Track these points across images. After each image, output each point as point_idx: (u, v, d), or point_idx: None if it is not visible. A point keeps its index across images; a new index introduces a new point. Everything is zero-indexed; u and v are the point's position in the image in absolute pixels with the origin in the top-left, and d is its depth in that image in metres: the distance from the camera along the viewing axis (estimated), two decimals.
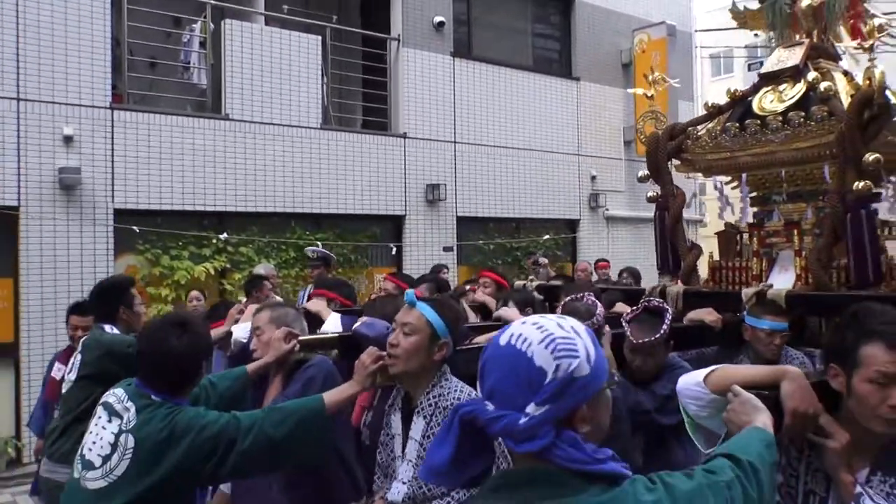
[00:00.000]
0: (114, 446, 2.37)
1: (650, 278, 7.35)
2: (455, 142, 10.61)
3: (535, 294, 5.06)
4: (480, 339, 3.44)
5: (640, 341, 3.31)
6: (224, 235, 8.54)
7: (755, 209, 4.72)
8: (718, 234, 4.93)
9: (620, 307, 4.48)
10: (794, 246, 4.25)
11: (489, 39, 11.47)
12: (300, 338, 3.21)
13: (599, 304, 3.39)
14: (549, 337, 1.37)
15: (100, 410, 2.49)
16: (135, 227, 8.03)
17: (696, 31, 13.73)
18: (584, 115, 12.10)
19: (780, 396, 1.92)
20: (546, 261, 9.47)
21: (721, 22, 15.74)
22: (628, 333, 3.38)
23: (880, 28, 4.47)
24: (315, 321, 4.10)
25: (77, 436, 3.35)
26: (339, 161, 9.51)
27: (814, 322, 4.18)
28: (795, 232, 4.28)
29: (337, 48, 9.93)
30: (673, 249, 4.77)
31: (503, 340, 1.40)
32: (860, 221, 3.74)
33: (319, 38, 9.49)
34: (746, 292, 3.92)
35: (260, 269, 7.55)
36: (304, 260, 9.19)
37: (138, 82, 8.91)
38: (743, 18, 5.16)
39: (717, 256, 4.79)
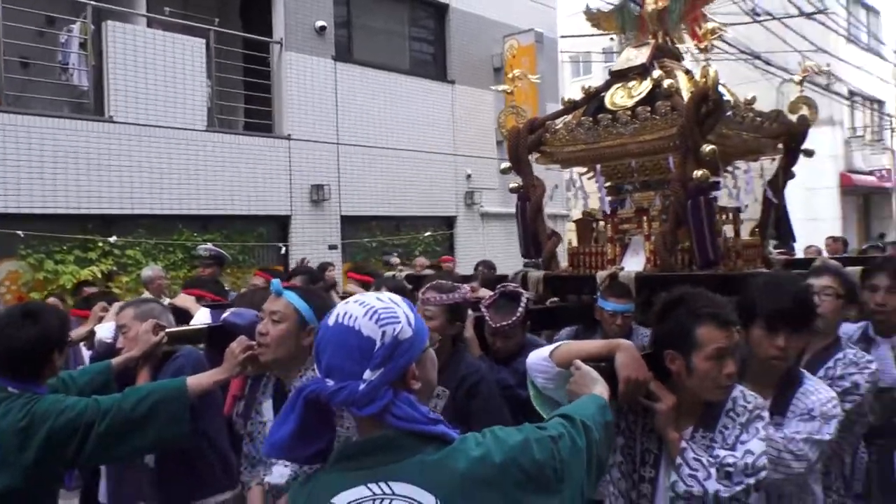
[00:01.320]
0: None
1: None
2: (338, 143, 11.04)
3: (405, 283, 5.39)
4: None
5: (499, 325, 3.55)
6: (113, 238, 8.64)
7: (610, 198, 4.95)
8: (576, 221, 5.30)
9: (483, 291, 4.87)
10: (643, 231, 4.56)
11: (369, 43, 11.93)
12: (168, 329, 3.19)
13: (466, 287, 3.61)
14: (371, 309, 1.53)
15: None
16: (19, 232, 8.03)
17: (560, 36, 14.72)
18: (459, 116, 12.78)
19: (615, 367, 2.15)
20: (398, 260, 10.07)
21: (580, 26, 16.87)
22: (487, 317, 3.59)
23: (713, 31, 4.88)
24: (184, 319, 4.10)
25: None
26: (225, 163, 9.74)
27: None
28: (645, 218, 4.58)
29: (220, 51, 10.11)
30: (534, 237, 5.00)
31: (331, 321, 1.55)
32: (699, 207, 4.03)
33: (203, 40, 9.68)
34: (600, 275, 4.22)
35: (147, 270, 7.71)
36: (193, 261, 9.42)
37: (12, 83, 8.82)
38: (596, 20, 5.47)
39: (575, 243, 5.12)
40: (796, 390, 2.53)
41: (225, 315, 3.34)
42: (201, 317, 4.08)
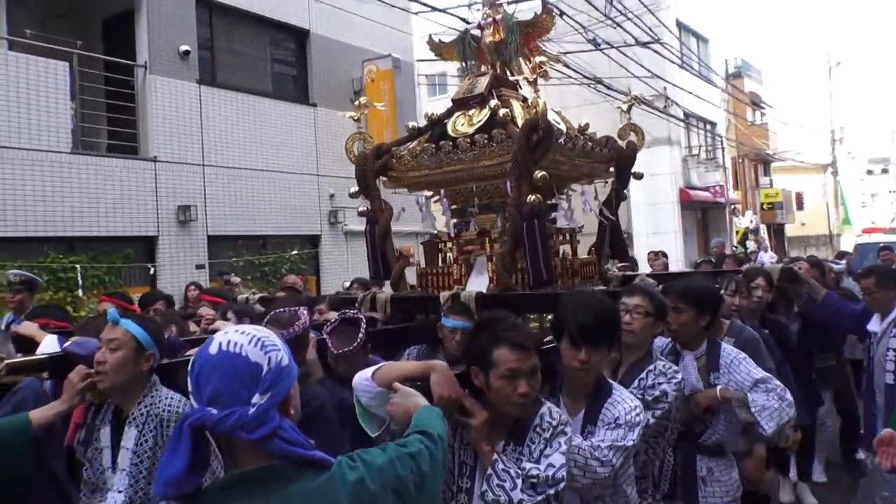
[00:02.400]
0: None
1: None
2: (203, 164, 11.47)
3: (257, 306, 5.39)
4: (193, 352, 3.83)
5: (340, 350, 3.64)
6: None
7: (455, 220, 5.06)
8: (423, 243, 5.35)
9: (330, 314, 4.77)
10: (486, 252, 4.73)
11: (232, 67, 12.45)
12: (6, 361, 3.12)
13: (305, 313, 3.59)
14: (255, 337, 1.62)
15: None
16: None
17: (416, 60, 15.70)
18: (322, 138, 13.43)
19: (431, 386, 2.34)
20: (238, 279, 10.36)
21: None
22: (329, 343, 3.68)
23: (539, 65, 4.98)
24: (30, 347, 4.03)
25: None
26: (91, 184, 10.00)
27: None
28: (487, 240, 4.75)
29: (84, 74, 10.40)
30: (383, 259, 5.08)
31: (213, 350, 1.61)
32: (534, 230, 4.20)
33: (67, 63, 9.96)
34: (443, 295, 4.34)
35: (10, 273, 7.76)
36: (59, 283, 9.68)
37: None
38: (439, 50, 5.58)
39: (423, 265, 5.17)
40: (605, 401, 2.75)
41: (66, 344, 3.29)
42: (48, 344, 3.93)
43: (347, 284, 10.26)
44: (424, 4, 13.95)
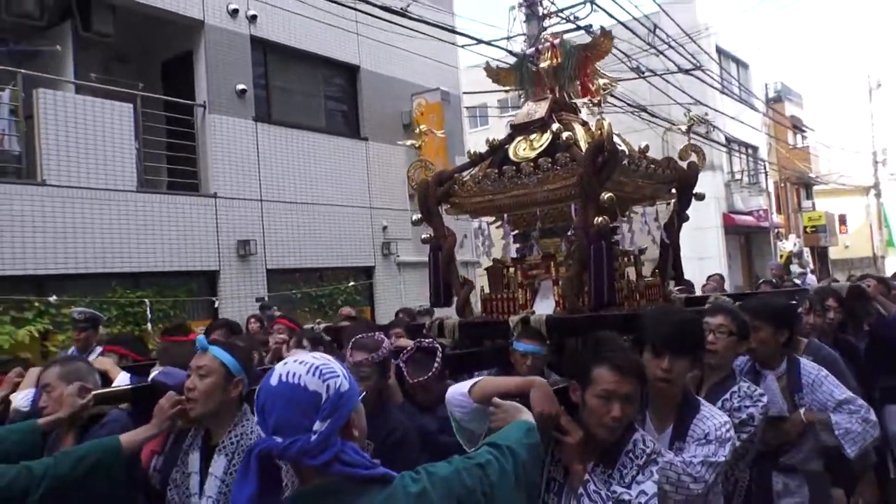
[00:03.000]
0: None
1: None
2: (261, 200, 11.71)
3: (323, 335, 5.41)
4: None
5: (416, 380, 3.67)
6: (53, 298, 9.04)
7: (517, 245, 5.08)
8: (488, 269, 5.30)
9: (403, 341, 4.70)
10: (551, 276, 4.69)
11: (287, 104, 12.73)
12: (94, 392, 3.13)
13: (386, 339, 3.66)
14: (313, 367, 1.68)
15: None
16: None
17: (462, 92, 15.92)
18: (373, 171, 13.66)
19: (530, 402, 2.33)
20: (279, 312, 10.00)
21: (474, 78, 18.03)
22: (405, 372, 3.70)
23: (604, 87, 5.00)
24: (103, 381, 3.97)
25: None
26: (155, 221, 10.25)
27: (572, 343, 4.46)
28: (552, 264, 4.71)
29: (147, 114, 10.71)
30: (446, 285, 5.09)
31: (274, 381, 1.67)
32: (601, 252, 4.18)
33: (130, 105, 10.27)
34: (512, 320, 4.32)
35: (74, 312, 7.92)
36: (127, 317, 9.89)
37: None
38: (497, 76, 5.62)
39: (488, 290, 5.16)
40: (694, 416, 2.75)
41: (153, 374, 3.35)
42: (122, 381, 3.95)
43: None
44: (469, 37, 14.16)
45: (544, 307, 4.64)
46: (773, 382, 3.61)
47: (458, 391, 2.49)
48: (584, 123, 4.92)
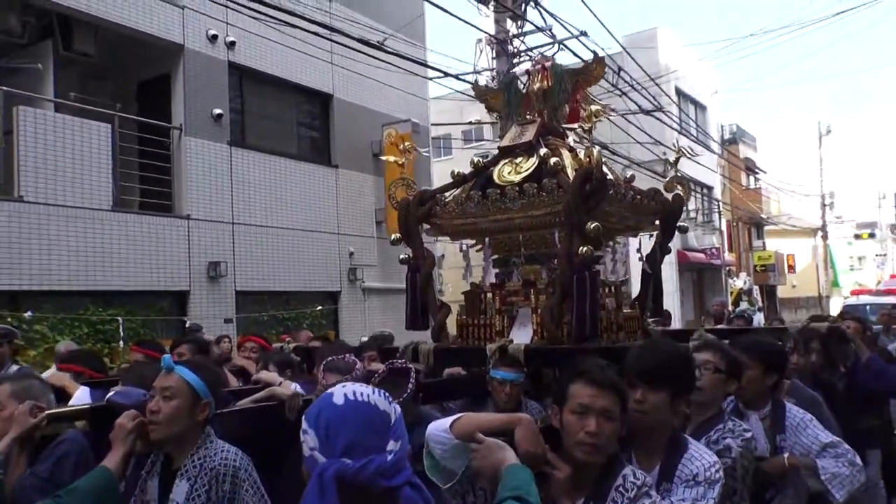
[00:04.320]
0: None
1: (400, 339, 7.23)
2: (233, 222, 11.96)
3: (293, 356, 5.36)
4: (242, 403, 3.62)
5: None
6: (28, 314, 9.17)
7: (497, 270, 5.00)
8: (465, 293, 5.10)
9: (376, 365, 4.57)
10: (531, 304, 4.55)
11: (261, 129, 13.03)
12: (47, 411, 3.01)
13: (358, 361, 3.67)
14: (374, 389, 1.68)
15: None
16: None
17: (431, 124, 16.38)
18: (342, 198, 13.99)
19: (515, 440, 2.25)
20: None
21: (439, 109, 18.36)
22: None
23: (597, 113, 4.62)
24: (60, 397, 3.85)
25: None
26: (129, 241, 10.42)
27: (548, 373, 4.48)
28: (532, 291, 4.58)
29: (123, 135, 10.93)
30: (423, 308, 4.96)
31: (339, 401, 1.63)
32: (584, 282, 4.08)
33: (109, 125, 10.49)
34: (490, 347, 4.19)
35: (61, 346, 8.27)
36: (97, 335, 10.05)
37: None
38: (484, 96, 5.56)
39: (464, 315, 4.98)
40: (681, 456, 2.61)
41: (109, 395, 3.23)
42: (80, 396, 3.87)
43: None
44: (439, 71, 14.65)
45: (522, 335, 4.52)
46: (758, 423, 3.51)
47: (438, 427, 2.42)
48: (572, 150, 4.81)
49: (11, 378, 3.33)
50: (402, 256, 5.13)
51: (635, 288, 5.21)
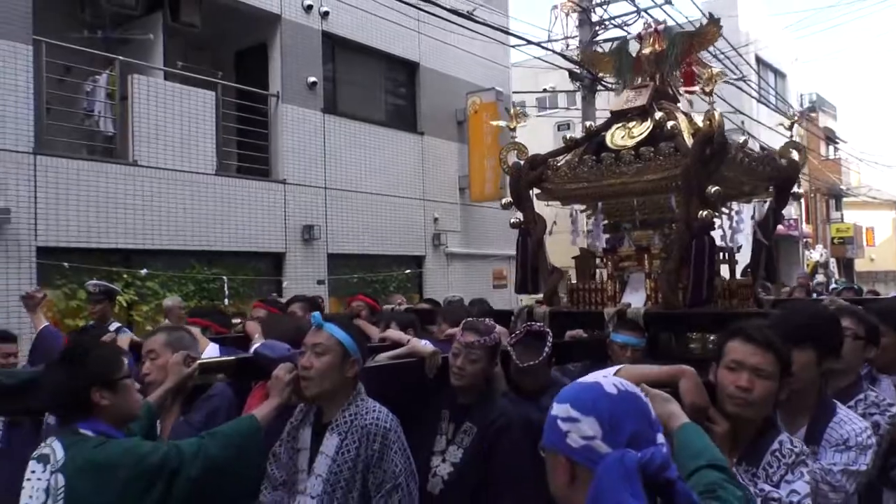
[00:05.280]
0: (47, 492, 2.32)
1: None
2: (326, 187, 12.54)
3: (413, 316, 5.28)
4: (380, 358, 3.67)
5: (526, 364, 3.55)
6: (144, 271, 9.87)
7: (608, 236, 4.91)
8: (576, 258, 5.14)
9: (450, 330, 4.51)
10: (644, 269, 4.55)
11: (351, 97, 13.52)
12: (199, 361, 3.14)
13: (498, 325, 3.67)
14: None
15: (31, 465, 2.39)
16: (65, 263, 9.18)
17: (513, 92, 16.67)
18: (427, 164, 14.46)
19: (680, 392, 2.25)
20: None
21: (514, 76, 18.51)
22: (514, 356, 3.58)
23: (718, 75, 4.48)
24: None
25: None
26: (230, 204, 11.06)
27: (665, 338, 4.44)
28: (647, 256, 4.57)
29: (225, 103, 11.52)
30: (533, 272, 4.94)
31: (611, 390, 1.59)
32: (703, 247, 4.03)
33: (213, 93, 11.09)
34: (608, 311, 4.20)
35: (168, 301, 8.82)
36: (203, 292, 10.70)
37: (48, 129, 9.94)
38: (593, 60, 5.61)
39: (573, 280, 5.01)
40: (830, 419, 2.61)
41: (256, 347, 3.41)
42: (210, 351, 3.95)
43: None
44: (521, 38, 14.92)
45: (634, 300, 4.52)
46: (890, 388, 3.43)
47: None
48: (687, 114, 4.73)
49: (164, 329, 3.49)
50: (512, 220, 5.17)
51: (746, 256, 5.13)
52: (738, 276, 4.96)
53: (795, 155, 5.10)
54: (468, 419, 3.33)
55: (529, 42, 14.91)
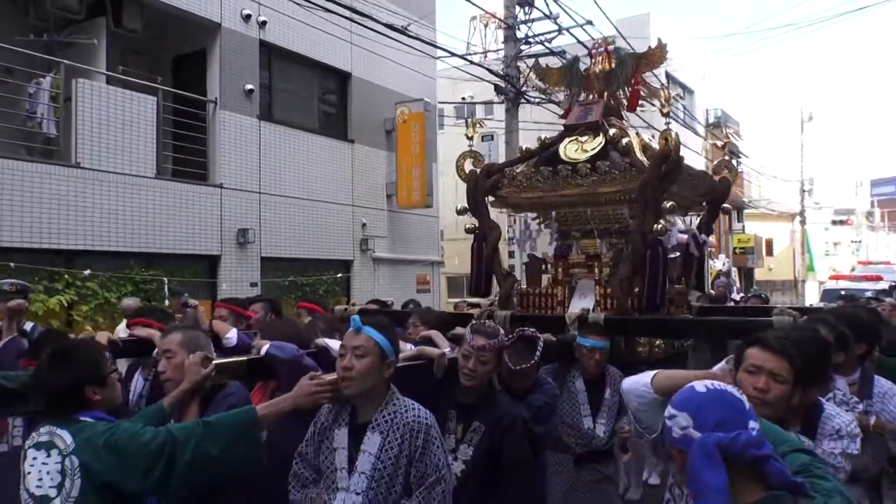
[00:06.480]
0: (62, 473, 2.52)
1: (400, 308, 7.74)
2: (260, 192, 13.09)
3: (449, 315, 5.53)
4: (404, 355, 3.72)
5: (518, 367, 3.83)
6: (88, 272, 10.26)
7: (558, 243, 5.23)
8: (526, 264, 5.52)
9: (420, 332, 4.72)
10: (594, 276, 4.82)
11: (286, 105, 14.11)
12: (216, 361, 3.26)
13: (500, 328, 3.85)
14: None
15: (31, 453, 2.59)
16: (10, 264, 9.51)
17: (444, 103, 17.50)
18: (357, 171, 15.15)
19: None
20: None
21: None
22: (506, 359, 3.80)
23: (668, 100, 4.92)
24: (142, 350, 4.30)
25: None
26: (169, 207, 11.52)
27: (616, 342, 4.69)
28: (597, 264, 4.87)
29: (165, 107, 11.98)
30: (487, 277, 5.24)
31: (701, 389, 1.97)
32: (657, 257, 4.33)
33: (155, 98, 11.54)
34: (570, 315, 4.47)
35: (128, 300, 9.22)
36: (140, 293, 11.11)
37: None
38: (544, 74, 5.78)
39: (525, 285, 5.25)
40: (820, 415, 2.92)
41: (266, 348, 3.60)
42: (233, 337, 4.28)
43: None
44: (448, 52, 15.78)
45: (581, 305, 4.81)
46: (845, 387, 3.65)
47: (638, 382, 2.72)
48: (630, 130, 5.01)
49: (180, 328, 3.59)
50: (468, 226, 5.44)
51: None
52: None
53: (727, 173, 5.63)
54: (476, 418, 3.56)
55: (454, 54, 15.83)
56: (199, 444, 2.59)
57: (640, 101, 5.45)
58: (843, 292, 17.15)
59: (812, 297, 35.67)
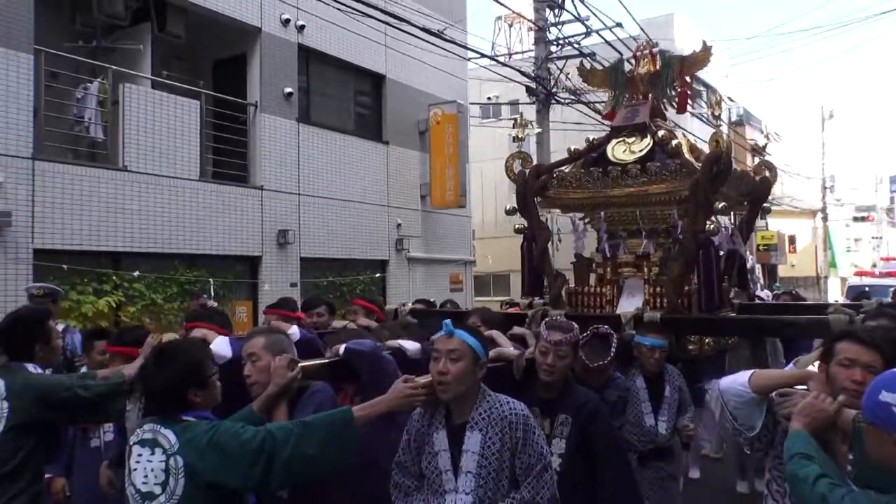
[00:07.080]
0: (166, 471, 2.58)
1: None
2: (299, 193, 13.25)
3: (409, 318, 5.59)
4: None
5: (595, 364, 3.92)
6: (136, 273, 10.43)
7: (608, 243, 5.23)
8: (574, 264, 5.51)
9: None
10: (643, 275, 4.88)
11: (323, 107, 14.27)
12: (301, 364, 3.29)
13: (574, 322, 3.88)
14: None
15: (136, 449, 2.66)
16: (63, 266, 9.70)
17: (470, 103, 17.59)
18: (392, 172, 15.29)
19: (809, 389, 2.67)
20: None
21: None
22: (583, 357, 3.90)
23: (718, 102, 5.08)
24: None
25: (10, 496, 3.31)
26: (212, 208, 11.68)
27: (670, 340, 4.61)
28: (646, 263, 4.91)
29: (209, 111, 12.13)
30: (538, 276, 5.32)
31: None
32: (710, 256, 4.40)
33: (198, 101, 11.70)
34: (624, 315, 4.53)
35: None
36: (185, 295, 11.27)
37: (48, 135, 10.32)
38: (587, 75, 5.90)
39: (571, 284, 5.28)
40: None
41: (346, 345, 3.63)
42: (221, 344, 3.97)
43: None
44: (479, 53, 15.85)
45: (630, 304, 4.93)
46: None
47: (736, 381, 2.80)
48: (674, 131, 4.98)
49: (263, 332, 3.61)
50: (517, 226, 5.51)
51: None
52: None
53: (767, 173, 5.68)
54: (561, 411, 3.63)
55: (483, 55, 15.92)
56: (298, 443, 2.63)
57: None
58: (866, 289, 17.11)
59: (835, 294, 35.54)
